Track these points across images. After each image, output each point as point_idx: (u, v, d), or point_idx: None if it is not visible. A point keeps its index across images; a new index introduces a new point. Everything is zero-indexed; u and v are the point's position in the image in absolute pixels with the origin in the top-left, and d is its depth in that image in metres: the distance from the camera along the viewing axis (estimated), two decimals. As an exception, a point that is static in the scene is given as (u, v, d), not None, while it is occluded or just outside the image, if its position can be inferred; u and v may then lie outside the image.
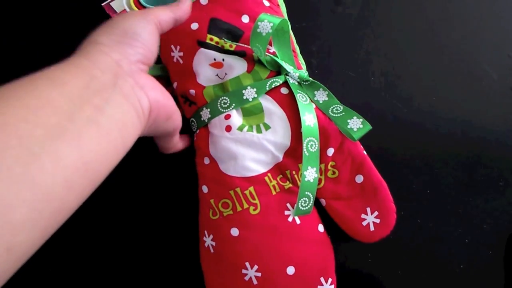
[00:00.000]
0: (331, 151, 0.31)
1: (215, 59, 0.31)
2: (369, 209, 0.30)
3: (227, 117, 0.31)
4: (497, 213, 0.34)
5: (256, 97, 0.31)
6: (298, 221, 0.30)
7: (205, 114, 0.31)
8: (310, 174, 0.29)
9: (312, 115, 0.30)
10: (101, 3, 0.37)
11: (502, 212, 0.34)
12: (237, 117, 0.31)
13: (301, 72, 0.32)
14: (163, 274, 0.34)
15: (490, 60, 0.38)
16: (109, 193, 0.35)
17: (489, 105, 0.37)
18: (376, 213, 0.30)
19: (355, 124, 0.30)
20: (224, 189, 0.30)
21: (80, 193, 0.17)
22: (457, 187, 0.35)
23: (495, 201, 0.35)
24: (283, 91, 0.31)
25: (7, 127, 0.15)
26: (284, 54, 0.32)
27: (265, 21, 0.29)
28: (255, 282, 0.28)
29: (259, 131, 0.31)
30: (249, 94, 0.31)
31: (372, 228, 0.30)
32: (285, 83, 0.31)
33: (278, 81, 0.31)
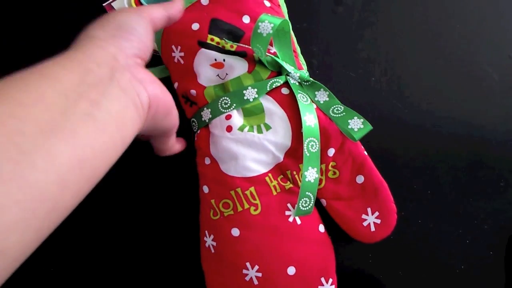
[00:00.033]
0: (331, 152, 0.31)
1: (216, 60, 0.31)
2: (369, 210, 0.30)
3: (228, 117, 0.31)
4: (497, 214, 0.34)
5: (257, 97, 0.31)
6: (298, 221, 0.30)
7: (206, 114, 0.31)
8: (310, 174, 0.29)
9: (313, 116, 0.30)
10: (102, 3, 0.37)
11: (502, 212, 0.34)
12: (238, 118, 0.31)
13: (302, 72, 0.32)
14: (164, 274, 0.34)
15: (490, 60, 0.38)
16: (110, 193, 0.35)
17: (489, 105, 0.37)
18: (376, 214, 0.30)
19: (356, 124, 0.30)
20: (224, 189, 0.30)
21: (76, 192, 0.17)
22: (458, 187, 0.35)
23: (496, 201, 0.35)
24: (284, 91, 0.31)
25: None
26: (285, 54, 0.32)
27: (266, 22, 0.29)
28: (255, 282, 0.28)
29: (260, 131, 0.31)
30: (250, 94, 0.31)
31: (372, 228, 0.30)
32: (286, 84, 0.31)
33: (279, 81, 0.31)
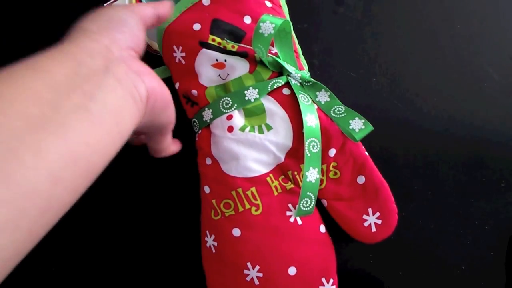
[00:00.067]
0: (333, 152, 0.31)
1: (217, 60, 0.31)
2: (370, 210, 0.30)
3: (229, 117, 0.31)
4: (498, 214, 0.34)
5: (258, 97, 0.31)
6: (299, 221, 0.30)
7: (207, 114, 0.31)
8: (311, 174, 0.29)
9: (314, 116, 0.30)
10: (104, 3, 0.37)
11: (503, 213, 0.35)
12: (239, 118, 0.31)
13: (303, 73, 0.32)
14: (165, 274, 0.34)
15: (491, 61, 0.38)
16: (112, 194, 0.35)
17: (490, 106, 0.37)
18: (377, 214, 0.30)
19: (357, 125, 0.30)
20: (226, 190, 0.30)
21: (72, 188, 0.16)
22: (459, 188, 0.35)
23: (497, 202, 0.35)
24: (285, 92, 0.31)
25: None
26: (286, 55, 0.32)
27: (267, 22, 0.29)
28: (256, 282, 0.28)
29: (261, 131, 0.31)
30: (251, 94, 0.31)
31: (373, 229, 0.30)
32: (287, 84, 0.31)
33: (280, 82, 0.31)
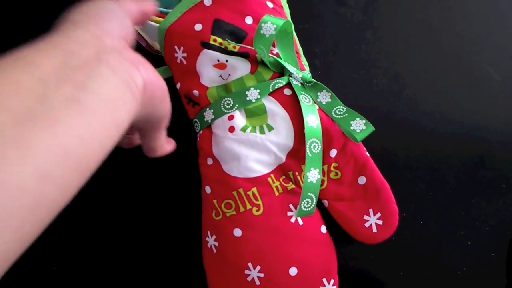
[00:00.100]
0: (334, 152, 0.31)
1: (218, 60, 0.31)
2: (371, 211, 0.30)
3: (230, 118, 0.31)
4: (499, 215, 0.34)
5: (259, 98, 0.31)
6: (300, 222, 0.30)
7: (209, 114, 0.31)
8: (313, 175, 0.29)
9: (315, 116, 0.30)
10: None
11: (504, 214, 0.34)
12: (240, 118, 0.31)
13: (304, 73, 0.32)
14: (166, 274, 0.34)
15: (493, 62, 0.38)
16: (113, 194, 0.35)
17: (491, 107, 0.37)
18: (378, 215, 0.30)
19: (358, 125, 0.30)
20: (227, 190, 0.30)
21: (63, 185, 0.15)
22: (460, 188, 0.35)
23: (498, 203, 0.35)
24: (286, 92, 0.31)
25: None
26: (287, 55, 0.32)
27: (269, 23, 0.29)
28: (257, 282, 0.29)
29: (262, 132, 0.31)
30: (253, 95, 0.31)
31: (374, 229, 0.30)
32: (288, 84, 0.31)
33: (281, 82, 0.31)
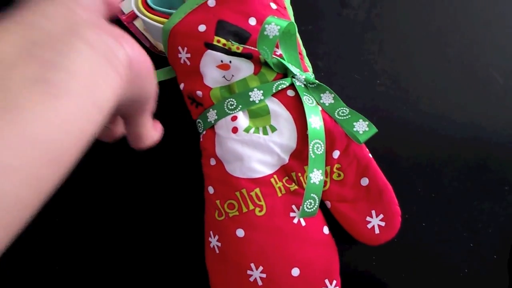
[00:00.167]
0: (336, 154, 0.31)
1: (222, 61, 0.32)
2: (374, 212, 0.30)
3: (234, 118, 0.31)
4: (502, 217, 0.34)
5: (262, 99, 0.31)
6: (303, 223, 0.30)
7: (212, 115, 0.31)
8: (315, 176, 0.29)
9: (318, 118, 0.30)
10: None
11: (507, 216, 0.34)
12: (243, 119, 0.31)
13: (308, 74, 0.32)
14: (168, 274, 0.34)
15: (495, 64, 0.38)
16: (116, 194, 0.35)
17: (494, 109, 0.37)
18: (381, 216, 0.30)
19: (361, 127, 0.30)
20: (230, 190, 0.30)
21: (32, 178, 0.13)
22: (462, 190, 0.35)
23: (500, 205, 0.35)
24: (290, 93, 0.31)
25: None
26: (290, 56, 0.32)
27: (272, 24, 0.29)
28: (260, 283, 0.29)
29: (265, 133, 0.31)
30: (256, 96, 0.31)
31: (377, 231, 0.30)
32: (292, 86, 0.31)
33: (284, 83, 0.31)
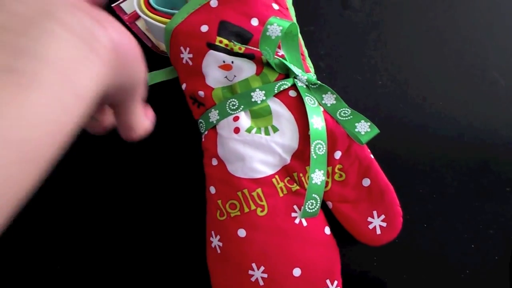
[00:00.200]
0: (338, 154, 0.31)
1: (224, 61, 0.32)
2: (375, 213, 0.30)
3: (236, 119, 0.31)
4: (503, 218, 0.34)
5: (264, 99, 0.31)
6: (305, 223, 0.30)
7: (214, 115, 0.32)
8: (317, 176, 0.29)
9: (320, 118, 0.30)
10: (111, 4, 0.38)
11: (508, 217, 0.34)
12: (245, 119, 0.31)
13: (309, 75, 0.32)
14: (170, 274, 0.34)
15: (497, 65, 0.38)
16: (117, 193, 0.35)
17: (496, 110, 0.37)
18: (382, 217, 0.30)
19: (363, 127, 0.30)
20: (231, 190, 0.30)
21: (8, 182, 0.12)
22: (464, 191, 0.35)
23: (502, 206, 0.35)
24: (292, 94, 0.31)
25: None
26: (292, 57, 0.32)
27: (275, 25, 0.29)
28: (261, 283, 0.29)
29: (267, 133, 0.31)
30: (258, 96, 0.31)
31: (378, 231, 0.30)
32: (294, 86, 0.31)
33: (286, 84, 0.31)
